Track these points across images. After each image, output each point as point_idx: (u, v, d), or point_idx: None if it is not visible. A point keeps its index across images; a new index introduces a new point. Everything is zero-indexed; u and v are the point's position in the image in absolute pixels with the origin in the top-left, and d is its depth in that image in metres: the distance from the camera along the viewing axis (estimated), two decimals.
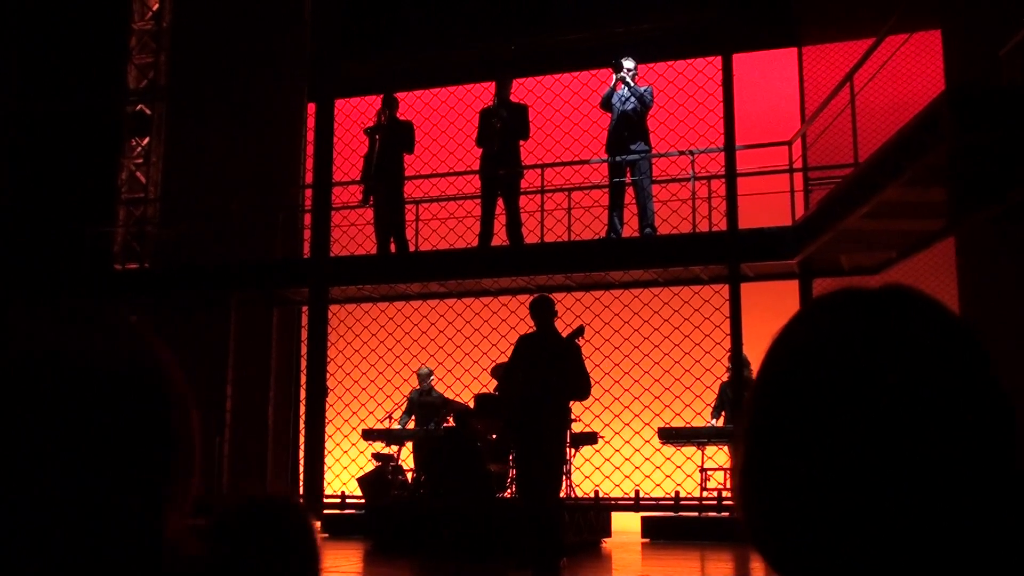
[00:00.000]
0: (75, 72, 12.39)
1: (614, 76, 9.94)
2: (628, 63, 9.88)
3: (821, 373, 0.79)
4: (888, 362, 0.78)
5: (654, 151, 10.04)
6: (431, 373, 10.70)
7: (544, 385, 7.41)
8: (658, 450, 10.15)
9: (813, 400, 0.79)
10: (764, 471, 0.82)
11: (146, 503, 0.86)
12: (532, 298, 7.95)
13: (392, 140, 10.54)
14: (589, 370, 9.23)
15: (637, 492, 10.10)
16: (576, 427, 9.45)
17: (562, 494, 8.94)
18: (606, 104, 9.97)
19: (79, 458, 0.83)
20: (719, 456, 9.78)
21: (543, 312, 8.09)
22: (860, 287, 0.84)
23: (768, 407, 0.82)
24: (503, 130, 10.06)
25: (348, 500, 10.87)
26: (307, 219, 11.66)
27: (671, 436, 9.58)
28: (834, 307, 0.84)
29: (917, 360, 0.78)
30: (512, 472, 8.71)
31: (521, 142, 10.29)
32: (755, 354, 8.24)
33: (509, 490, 8.64)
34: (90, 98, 12.43)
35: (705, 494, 9.66)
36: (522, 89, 10.96)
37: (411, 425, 10.62)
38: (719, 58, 9.97)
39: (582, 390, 7.76)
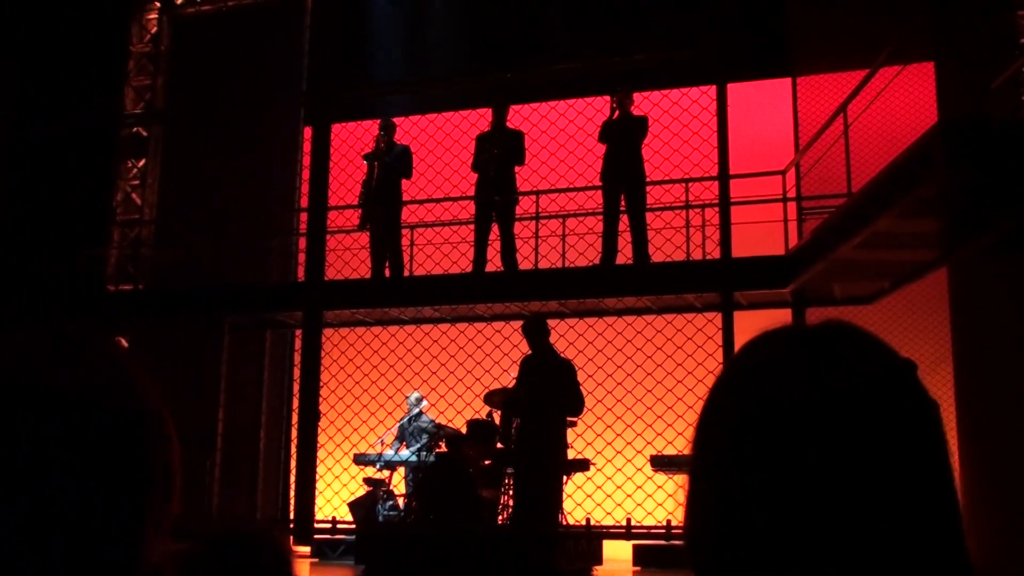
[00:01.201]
0: (73, 93, 12.42)
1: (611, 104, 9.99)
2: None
3: (759, 407, 0.81)
4: (824, 397, 0.80)
5: (648, 179, 10.07)
6: (422, 398, 10.69)
7: (540, 404, 7.51)
8: (650, 478, 10.13)
9: (751, 432, 0.81)
10: (705, 500, 0.84)
11: (124, 528, 0.86)
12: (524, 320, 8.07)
13: (389, 165, 10.58)
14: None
15: (628, 520, 10.07)
16: (569, 454, 9.44)
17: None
18: (604, 136, 10.01)
19: (55, 484, 0.83)
20: None
21: (534, 332, 8.22)
22: (800, 325, 0.87)
23: (710, 439, 0.85)
24: (499, 156, 10.10)
25: (339, 525, 10.83)
26: (302, 243, 11.67)
27: (663, 464, 9.56)
28: (773, 344, 0.87)
29: (852, 395, 0.80)
30: (503, 498, 8.70)
31: (516, 168, 10.33)
32: None
33: (501, 516, 8.62)
34: (87, 119, 12.46)
35: None
36: (518, 117, 11.01)
37: (402, 451, 10.60)
38: (714, 87, 10.03)
39: (574, 406, 7.86)
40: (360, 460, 10.67)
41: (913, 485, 0.79)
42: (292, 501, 11.02)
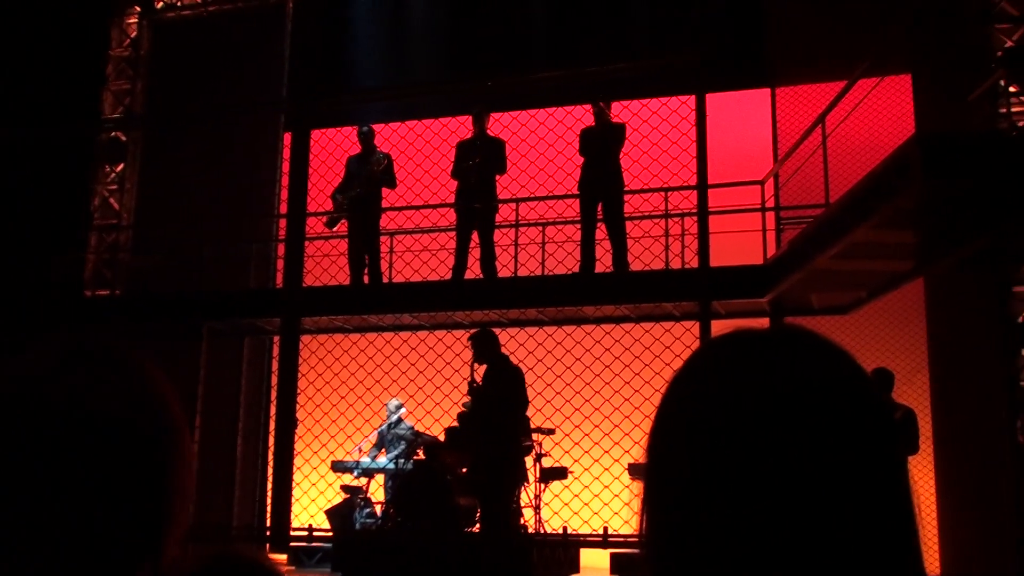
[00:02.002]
0: (51, 97, 12.35)
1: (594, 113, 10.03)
2: None
3: (711, 412, 0.82)
4: (778, 401, 0.80)
5: (627, 188, 10.10)
6: (401, 406, 10.68)
7: (490, 415, 7.81)
8: (627, 487, 10.14)
9: (703, 438, 0.81)
10: (661, 507, 0.85)
11: (146, 537, 0.87)
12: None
13: (372, 172, 10.57)
14: (560, 406, 9.40)
15: (606, 528, 10.07)
16: (546, 462, 9.44)
17: (531, 530, 8.96)
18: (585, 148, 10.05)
19: (78, 495, 0.84)
20: None
21: (481, 344, 8.49)
22: (753, 329, 0.87)
23: (663, 444, 0.86)
24: (479, 164, 10.11)
25: (315, 532, 10.78)
26: (281, 249, 11.63)
27: (641, 472, 9.50)
28: (727, 348, 0.87)
29: (806, 400, 0.81)
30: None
31: (497, 176, 10.34)
32: None
33: (479, 524, 8.62)
34: (65, 123, 12.39)
35: None
36: (497, 125, 11.02)
37: (380, 458, 10.57)
38: (693, 97, 10.07)
39: (512, 409, 8.13)
40: (338, 467, 10.64)
41: (865, 491, 0.79)
42: (269, 508, 10.96)
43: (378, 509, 10.18)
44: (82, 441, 0.85)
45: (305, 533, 10.79)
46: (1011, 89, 8.23)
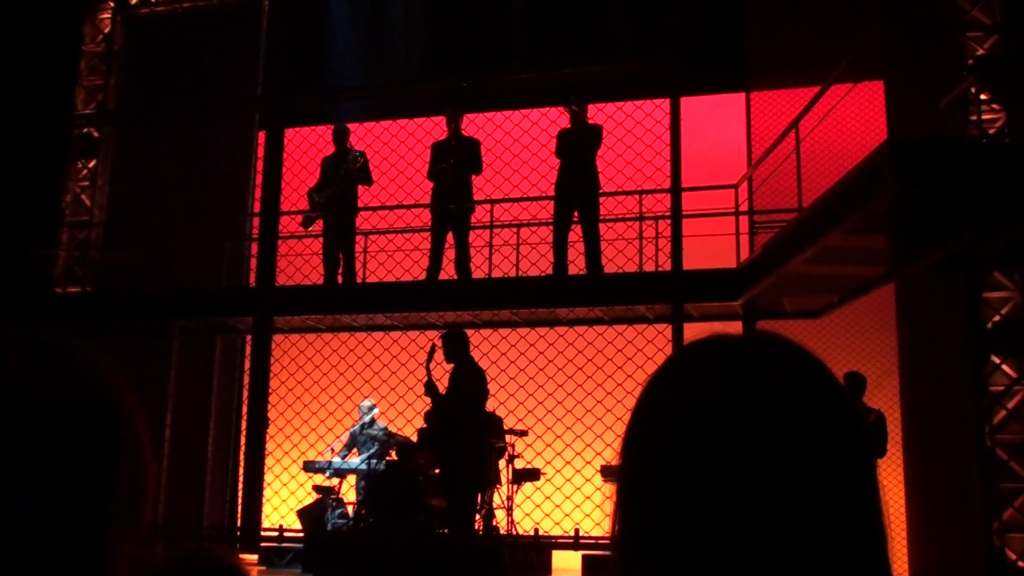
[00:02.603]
0: (23, 93, 12.24)
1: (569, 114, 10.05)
2: None
3: (684, 417, 0.83)
4: (751, 406, 0.81)
5: (602, 190, 10.12)
6: (374, 406, 10.66)
7: (454, 414, 7.97)
8: (599, 488, 10.15)
9: (676, 443, 0.82)
10: (633, 509, 0.85)
11: (89, 532, 0.86)
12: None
13: (348, 170, 10.55)
14: (532, 407, 9.46)
15: (577, 530, 10.08)
16: (518, 464, 9.45)
17: (503, 531, 8.96)
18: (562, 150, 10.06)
19: (27, 488, 0.83)
20: None
21: (451, 344, 8.60)
22: (728, 335, 0.89)
23: (636, 448, 0.87)
24: (455, 164, 10.11)
25: (287, 533, 10.74)
26: (254, 248, 11.58)
27: (613, 474, 9.53)
28: (701, 354, 0.88)
29: (778, 404, 0.82)
30: None
31: (473, 176, 10.34)
32: None
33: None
34: (37, 119, 12.29)
35: None
36: (472, 125, 11.02)
37: (351, 458, 10.54)
38: (668, 101, 10.09)
39: (477, 410, 8.28)
40: (309, 467, 10.60)
41: (834, 496, 0.80)
42: (240, 508, 10.90)
43: (350, 510, 10.16)
44: (24, 431, 0.84)
45: (276, 533, 10.74)
46: (982, 96, 8.31)
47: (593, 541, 9.93)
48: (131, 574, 0.88)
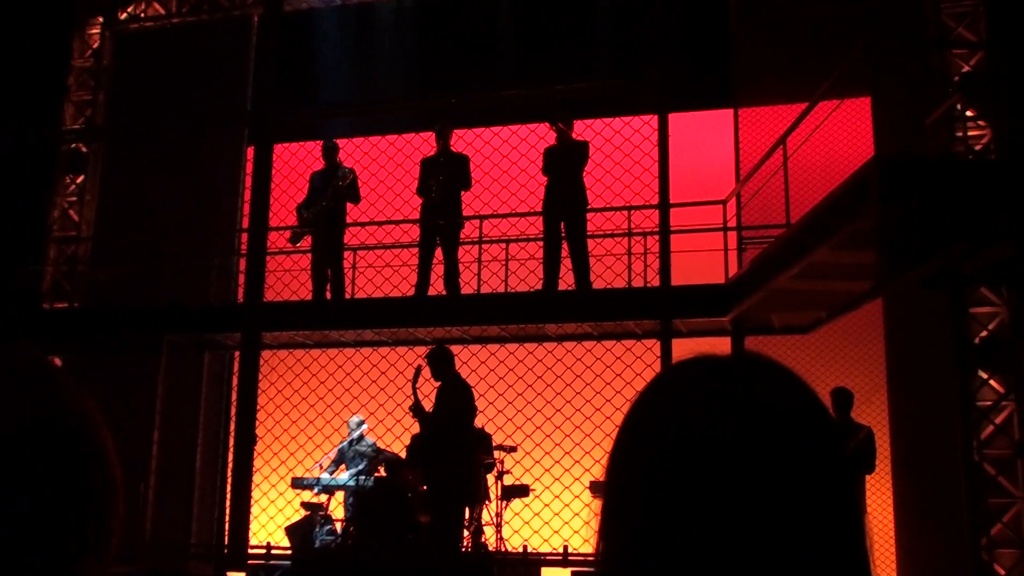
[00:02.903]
0: (11, 107, 12.23)
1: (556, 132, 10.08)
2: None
3: (671, 436, 0.84)
4: (736, 425, 0.82)
5: (590, 207, 10.14)
6: (363, 422, 10.63)
7: (441, 431, 7.98)
8: (588, 505, 10.13)
9: (662, 461, 0.83)
10: (618, 526, 0.86)
11: (56, 551, 0.85)
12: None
13: (337, 187, 10.56)
14: (521, 424, 9.47)
15: (566, 547, 10.06)
16: (507, 480, 9.43)
17: (491, 548, 8.94)
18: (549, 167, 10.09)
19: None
20: None
21: (438, 361, 8.61)
22: (714, 355, 0.90)
23: (622, 466, 0.88)
24: (444, 182, 10.12)
25: (274, 550, 10.68)
26: (242, 263, 11.56)
27: (601, 490, 9.55)
28: (688, 373, 0.89)
29: (763, 424, 0.83)
30: None
31: (463, 192, 10.36)
32: None
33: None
34: (25, 134, 12.27)
35: None
36: (461, 142, 11.03)
37: (339, 474, 10.50)
38: (656, 117, 10.12)
39: (466, 427, 8.28)
40: (298, 484, 10.56)
41: (817, 514, 0.82)
42: (227, 525, 10.85)
43: (338, 526, 10.12)
44: None
45: (264, 551, 10.69)
46: (968, 113, 8.36)
47: (582, 558, 9.90)
48: None
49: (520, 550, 9.91)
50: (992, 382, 8.09)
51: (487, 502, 9.36)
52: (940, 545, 8.57)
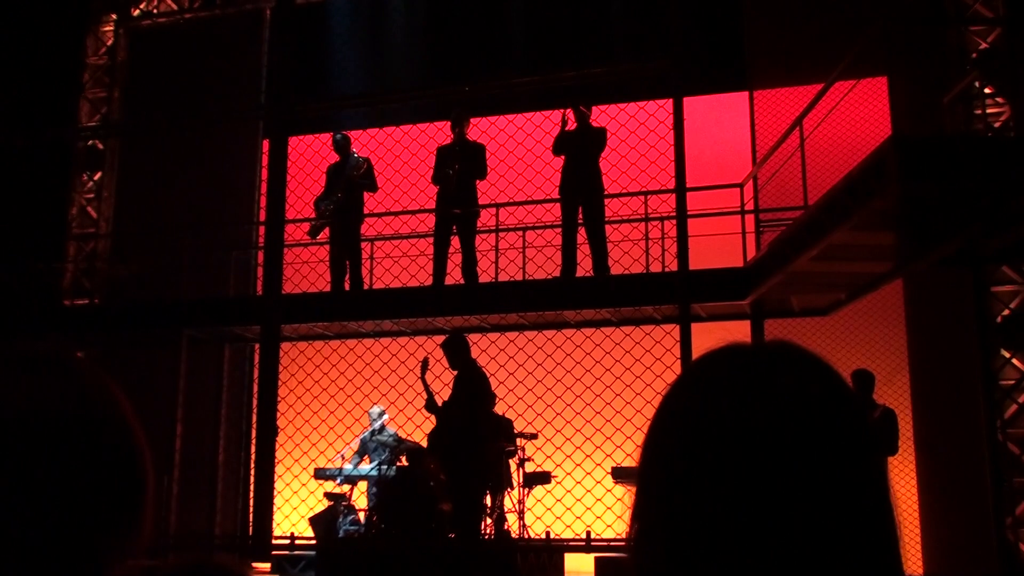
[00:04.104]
0: (28, 106, 12.28)
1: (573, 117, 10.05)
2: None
3: (705, 424, 0.86)
4: (766, 412, 0.84)
5: (607, 192, 10.11)
6: (383, 412, 10.66)
7: (460, 419, 8.04)
8: (610, 490, 10.14)
9: (697, 449, 0.85)
10: (652, 513, 0.88)
11: (90, 546, 0.85)
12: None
13: (351, 176, 10.56)
14: (541, 410, 9.48)
15: (589, 533, 10.07)
16: (529, 467, 9.44)
17: (514, 535, 8.96)
18: (559, 147, 10.07)
19: (23, 501, 0.82)
20: None
21: (453, 349, 8.63)
22: (744, 343, 0.92)
23: (658, 453, 0.90)
24: (460, 169, 10.11)
25: (298, 540, 10.74)
26: (260, 256, 11.59)
27: (624, 476, 9.57)
28: (719, 363, 0.92)
29: (792, 410, 0.85)
30: None
31: (477, 181, 10.35)
32: None
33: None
34: (42, 132, 12.32)
35: None
36: (476, 129, 11.02)
37: (363, 465, 10.54)
38: (671, 101, 10.07)
39: (485, 415, 8.32)
40: (320, 475, 10.60)
41: (847, 499, 0.83)
42: (251, 516, 10.91)
43: (361, 516, 10.16)
44: (20, 444, 0.83)
45: (288, 541, 10.74)
46: (986, 90, 8.30)
47: (605, 543, 9.92)
48: None
49: (543, 536, 9.93)
50: (1015, 361, 8.05)
51: (509, 489, 9.37)
52: (964, 525, 8.54)
